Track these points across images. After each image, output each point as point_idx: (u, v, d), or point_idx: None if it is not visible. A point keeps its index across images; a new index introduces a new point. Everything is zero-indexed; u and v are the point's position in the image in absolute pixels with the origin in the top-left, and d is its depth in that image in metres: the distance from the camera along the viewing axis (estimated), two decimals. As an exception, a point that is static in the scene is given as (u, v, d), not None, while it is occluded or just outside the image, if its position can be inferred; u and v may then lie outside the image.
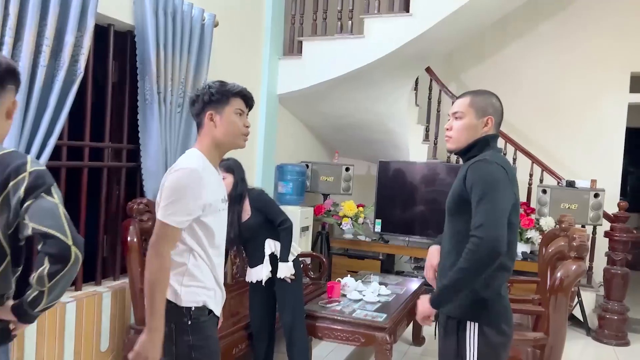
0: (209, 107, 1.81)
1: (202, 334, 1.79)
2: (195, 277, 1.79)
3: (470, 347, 1.85)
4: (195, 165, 1.75)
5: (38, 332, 2.60)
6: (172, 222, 1.69)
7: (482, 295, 1.83)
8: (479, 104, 1.92)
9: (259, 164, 4.55)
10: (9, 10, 2.21)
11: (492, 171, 1.79)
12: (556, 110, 5.64)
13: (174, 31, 3.20)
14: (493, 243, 1.73)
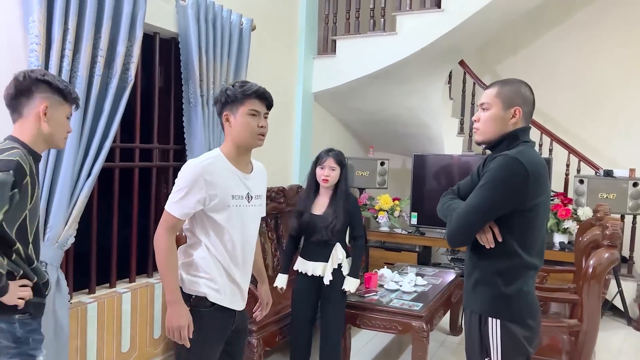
0: (225, 108, 1.91)
1: (197, 322, 1.88)
2: (200, 268, 1.90)
3: (493, 341, 1.84)
4: (202, 161, 1.87)
5: (98, 321, 2.83)
6: (170, 211, 1.85)
7: (504, 291, 1.81)
8: (506, 94, 1.83)
9: (295, 160, 4.71)
10: (68, 25, 2.42)
11: (504, 168, 1.74)
12: (593, 98, 5.58)
13: (215, 37, 3.37)
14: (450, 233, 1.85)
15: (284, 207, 4.24)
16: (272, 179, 4.30)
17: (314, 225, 2.90)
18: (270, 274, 4.06)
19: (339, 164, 2.90)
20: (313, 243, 2.95)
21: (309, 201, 2.97)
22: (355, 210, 3.01)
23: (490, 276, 1.84)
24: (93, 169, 2.62)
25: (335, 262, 2.92)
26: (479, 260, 1.88)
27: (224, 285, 1.93)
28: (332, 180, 2.90)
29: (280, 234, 4.27)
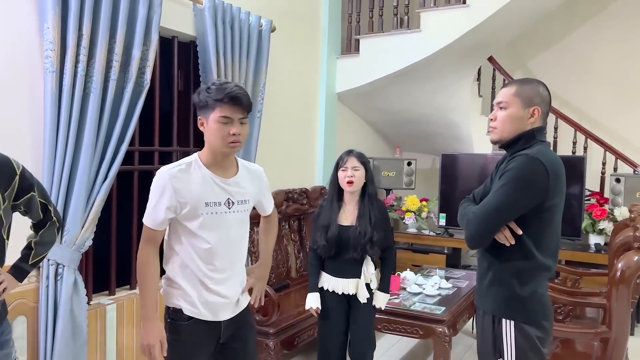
0: (199, 112, 1.81)
1: (175, 334, 1.83)
2: (175, 280, 1.83)
3: (507, 343, 1.83)
4: (172, 168, 1.78)
5: (117, 322, 2.86)
6: (145, 222, 1.80)
7: (519, 292, 1.81)
8: (525, 93, 1.83)
9: (319, 161, 4.67)
10: (82, 31, 2.46)
11: (525, 167, 1.74)
12: (630, 93, 5.32)
13: (233, 39, 3.38)
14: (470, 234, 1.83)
15: (307, 208, 4.22)
16: (295, 180, 4.34)
17: (345, 239, 2.57)
18: (293, 276, 4.05)
19: (363, 164, 2.60)
20: (341, 258, 2.60)
21: (334, 212, 2.63)
22: (385, 216, 2.71)
23: (505, 277, 1.84)
24: (110, 172, 2.65)
25: (367, 278, 2.62)
26: (494, 261, 1.87)
27: (200, 297, 1.83)
28: (358, 182, 2.58)
29: (304, 235, 4.24)
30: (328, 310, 2.65)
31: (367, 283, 2.62)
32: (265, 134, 3.80)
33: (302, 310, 3.32)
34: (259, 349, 2.96)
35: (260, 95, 3.66)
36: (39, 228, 1.88)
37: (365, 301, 2.61)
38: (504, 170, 1.80)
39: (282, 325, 3.06)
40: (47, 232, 1.88)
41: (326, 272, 2.66)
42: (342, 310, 2.65)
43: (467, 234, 1.86)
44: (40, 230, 1.87)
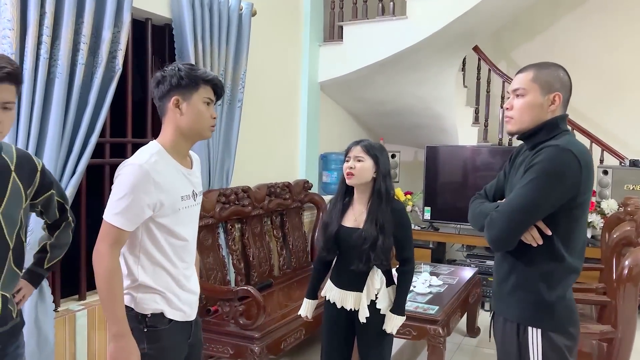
0: (176, 91, 1.63)
1: (157, 342, 1.65)
2: (148, 286, 1.64)
3: (534, 352, 1.67)
4: (144, 161, 1.58)
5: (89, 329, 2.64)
6: (114, 222, 1.55)
7: (547, 298, 1.64)
8: (544, 79, 1.67)
9: (302, 153, 4.49)
10: (45, 9, 2.21)
11: (557, 160, 1.57)
12: (616, 85, 5.28)
13: (212, 23, 3.15)
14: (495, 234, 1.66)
15: (290, 203, 4.03)
16: (277, 173, 4.14)
17: (346, 241, 2.22)
18: (276, 274, 3.86)
19: (371, 156, 2.20)
20: (344, 266, 2.24)
21: (337, 210, 2.28)
22: (402, 222, 2.23)
23: (531, 281, 1.67)
24: (78, 166, 2.41)
25: (372, 293, 2.20)
26: (517, 263, 1.70)
27: (179, 297, 1.70)
28: (359, 175, 2.19)
29: (286, 232, 4.05)
30: (328, 322, 2.33)
31: (373, 300, 2.21)
32: (245, 125, 3.59)
33: (288, 312, 3.15)
34: (243, 354, 2.77)
35: (240, 84, 3.44)
36: (53, 229, 1.79)
37: (364, 321, 2.19)
38: (530, 163, 1.62)
39: (268, 328, 2.87)
40: (63, 234, 1.80)
41: (330, 281, 2.33)
42: (343, 326, 2.28)
43: (491, 235, 1.67)
44: (56, 232, 1.79)
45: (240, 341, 2.80)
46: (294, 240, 4.11)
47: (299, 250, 4.14)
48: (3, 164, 1.52)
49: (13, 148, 1.58)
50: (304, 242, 4.24)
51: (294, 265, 4.06)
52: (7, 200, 1.50)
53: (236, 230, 3.57)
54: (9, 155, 1.54)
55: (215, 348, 2.86)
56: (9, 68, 1.39)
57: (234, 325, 2.84)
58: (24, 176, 1.57)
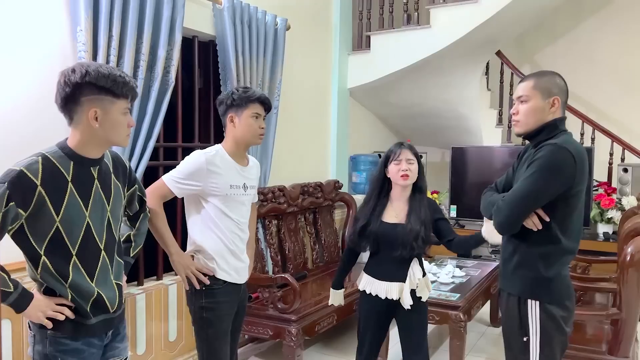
0: (231, 110, 2.17)
1: (212, 297, 2.17)
2: (210, 251, 2.16)
3: (533, 322, 1.93)
4: (208, 152, 2.14)
5: (147, 311, 2.99)
6: (169, 185, 2.12)
7: (545, 274, 1.90)
8: (543, 85, 1.92)
9: (332, 155, 4.78)
10: (112, 32, 2.57)
11: (555, 155, 1.82)
12: (637, 85, 5.41)
13: (250, 38, 3.49)
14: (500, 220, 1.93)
15: (322, 201, 4.34)
16: (310, 174, 4.45)
17: (390, 237, 2.35)
18: (310, 267, 4.17)
19: (417, 157, 2.39)
20: (386, 258, 2.39)
21: (378, 207, 2.42)
22: (439, 211, 2.48)
23: (531, 260, 1.92)
24: (138, 167, 2.77)
25: (414, 282, 2.36)
26: (520, 244, 1.97)
27: (231, 263, 2.21)
28: (413, 176, 2.36)
29: (319, 228, 4.36)
30: (369, 315, 2.46)
31: (413, 289, 2.37)
32: (281, 130, 3.92)
33: (320, 299, 3.45)
34: (282, 335, 3.08)
35: (276, 92, 3.77)
36: (134, 221, 1.94)
37: (409, 307, 2.35)
38: (531, 159, 1.88)
39: (303, 313, 3.18)
40: (142, 224, 1.97)
41: (367, 274, 2.46)
42: (384, 315, 2.45)
43: (498, 220, 1.94)
44: (136, 223, 1.94)
45: (278, 323, 3.11)
46: (326, 236, 4.41)
47: (330, 245, 4.43)
48: (107, 167, 1.70)
49: (108, 151, 1.74)
50: (335, 238, 4.53)
51: (326, 259, 4.36)
52: (113, 199, 1.70)
53: (273, 226, 3.89)
54: (107, 158, 1.72)
55: (256, 330, 3.19)
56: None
57: (273, 309, 3.16)
58: (119, 176, 1.76)
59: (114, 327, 1.74)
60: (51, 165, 1.55)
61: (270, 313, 3.16)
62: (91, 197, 1.63)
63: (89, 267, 1.63)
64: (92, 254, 1.64)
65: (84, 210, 1.60)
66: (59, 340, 1.62)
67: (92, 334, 1.66)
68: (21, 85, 2.39)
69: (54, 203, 1.54)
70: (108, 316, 1.69)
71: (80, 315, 1.62)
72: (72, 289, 1.60)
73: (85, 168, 1.62)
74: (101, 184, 1.66)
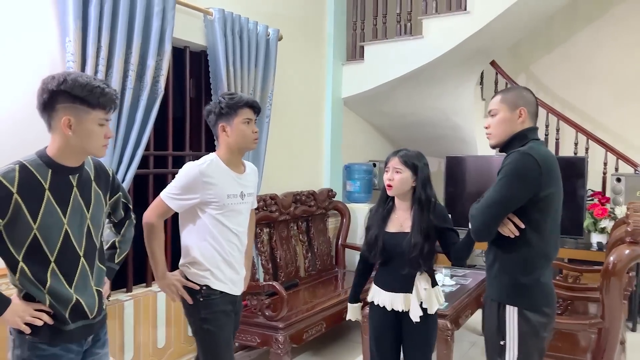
0: (221, 119, 2.17)
1: (210, 308, 2.15)
2: (206, 262, 2.15)
3: (510, 327, 1.98)
4: (202, 164, 2.12)
5: (135, 318, 3.02)
6: (167, 202, 2.13)
7: (522, 281, 1.96)
8: (509, 99, 2.04)
9: (326, 164, 4.82)
10: (101, 43, 2.63)
11: (518, 162, 1.89)
12: (631, 95, 5.41)
13: (242, 49, 3.54)
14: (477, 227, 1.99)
15: (315, 210, 4.36)
16: (303, 182, 4.48)
17: (393, 246, 2.30)
18: (302, 275, 4.19)
19: (409, 166, 2.27)
20: (390, 269, 2.33)
21: (378, 215, 2.38)
22: (447, 220, 2.37)
23: (510, 266, 1.99)
24: (127, 175, 2.81)
25: (421, 294, 2.28)
26: (498, 252, 2.03)
27: (227, 274, 2.19)
28: (398, 187, 2.28)
29: (311, 236, 4.39)
30: (377, 327, 2.40)
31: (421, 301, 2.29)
32: (273, 139, 3.96)
33: (310, 307, 3.47)
34: (269, 342, 3.10)
35: (268, 102, 3.81)
36: (119, 227, 1.97)
37: (417, 320, 2.26)
38: (500, 167, 1.96)
39: (291, 320, 3.20)
40: (128, 230, 1.99)
41: (376, 285, 2.40)
42: (391, 327, 2.36)
43: (472, 227, 2.01)
44: (121, 229, 1.97)
45: (266, 331, 3.14)
46: (319, 244, 4.44)
47: (323, 254, 4.46)
48: (87, 175, 1.72)
49: (90, 159, 1.76)
50: (329, 247, 4.56)
51: (318, 267, 4.38)
52: (93, 206, 1.72)
53: (264, 234, 3.92)
54: (89, 166, 1.74)
55: (245, 337, 3.21)
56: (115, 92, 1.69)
57: (261, 316, 3.18)
58: (101, 184, 1.78)
59: (93, 333, 1.76)
60: (28, 173, 1.58)
61: (258, 321, 3.19)
62: (69, 204, 1.64)
63: (68, 274, 1.65)
64: (71, 260, 1.65)
65: (62, 218, 1.62)
66: (37, 345, 1.63)
67: (70, 340, 1.67)
68: (10, 95, 2.44)
69: (30, 210, 1.57)
70: (87, 322, 1.70)
71: (58, 321, 1.64)
72: (51, 295, 1.62)
73: (63, 176, 1.64)
74: (80, 192, 1.68)
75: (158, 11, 2.89)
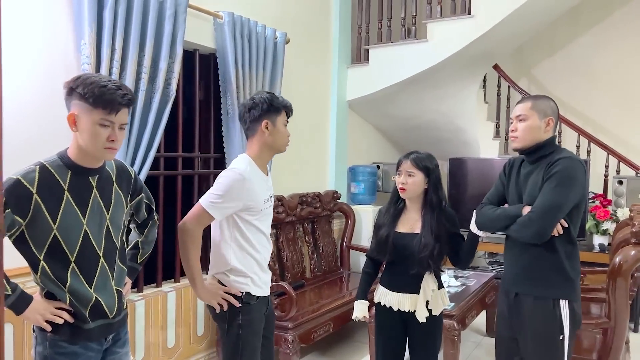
0: (266, 116, 2.09)
1: (248, 315, 2.11)
2: (241, 271, 2.10)
3: (566, 321, 2.08)
4: (243, 170, 2.04)
5: (146, 318, 3.05)
6: (208, 209, 2.00)
7: (571, 275, 2.09)
8: (540, 107, 2.14)
9: (331, 166, 4.86)
10: (115, 46, 2.66)
11: (576, 168, 2.04)
12: (632, 98, 5.48)
13: (250, 51, 3.58)
14: (537, 230, 2.02)
15: (320, 211, 4.40)
16: (308, 184, 4.52)
17: (402, 246, 2.30)
18: (308, 276, 4.22)
19: (421, 169, 2.28)
20: (398, 269, 2.34)
21: (390, 217, 2.38)
22: (456, 225, 2.38)
23: (559, 262, 2.09)
24: (139, 177, 2.84)
25: (428, 294, 2.30)
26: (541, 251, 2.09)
27: (262, 278, 2.17)
28: (411, 190, 2.29)
29: (317, 237, 4.43)
30: (382, 327, 2.41)
31: (428, 301, 2.31)
32: (280, 141, 3.99)
33: (317, 308, 3.50)
34: (278, 342, 3.13)
35: (275, 104, 3.85)
36: (142, 228, 1.99)
37: (424, 320, 2.28)
38: (550, 172, 2.04)
39: (299, 320, 3.23)
40: (151, 231, 2.01)
41: (382, 286, 2.42)
42: (398, 328, 2.37)
43: (532, 231, 2.04)
44: (144, 230, 1.99)
45: (275, 331, 3.15)
46: (324, 245, 4.47)
47: (328, 255, 4.49)
48: (108, 176, 1.75)
49: (112, 160, 1.79)
50: (334, 248, 4.60)
51: (324, 268, 4.42)
52: (113, 207, 1.74)
53: (272, 235, 3.95)
54: (110, 167, 1.77)
55: (253, 337, 3.24)
56: (130, 95, 1.65)
57: (270, 316, 3.21)
58: (123, 185, 1.80)
59: (113, 332, 1.77)
60: (48, 174, 1.61)
61: (267, 320, 3.21)
62: (89, 205, 1.67)
63: (88, 273, 1.67)
64: (91, 260, 1.68)
65: (81, 218, 1.65)
66: (58, 343, 1.66)
67: (90, 338, 1.70)
68: (27, 95, 2.47)
69: (50, 211, 1.60)
70: (107, 321, 1.73)
71: (78, 320, 1.67)
72: (71, 294, 1.65)
73: (82, 177, 1.67)
74: (100, 193, 1.71)
75: (170, 15, 2.92)
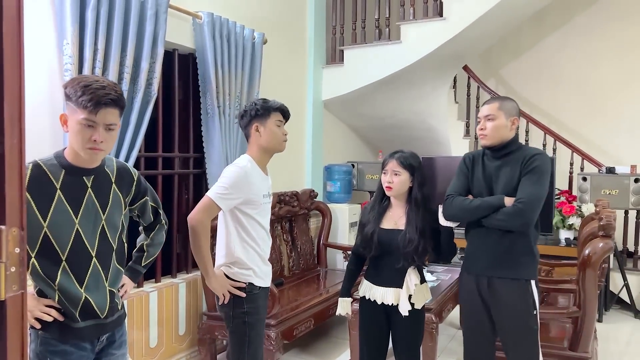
0: (255, 120, 2.27)
1: (253, 303, 2.27)
2: (247, 262, 2.26)
3: (535, 299, 2.32)
4: (245, 165, 2.24)
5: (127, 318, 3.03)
6: (217, 202, 2.17)
7: (537, 257, 2.37)
8: (506, 107, 2.34)
9: (307, 165, 4.92)
10: (97, 46, 2.66)
11: (549, 163, 2.30)
12: (596, 98, 5.73)
13: (229, 52, 3.60)
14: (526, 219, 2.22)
15: (298, 210, 4.45)
16: (286, 183, 4.57)
17: (387, 242, 2.36)
18: (287, 274, 4.27)
19: (406, 167, 2.36)
20: (382, 264, 2.40)
21: (374, 212, 2.44)
22: (437, 220, 2.43)
23: (529, 246, 2.32)
24: (122, 176, 2.84)
25: (410, 288, 2.34)
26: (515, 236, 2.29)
27: (263, 269, 2.35)
28: (397, 188, 2.36)
29: (295, 236, 4.47)
30: (366, 320, 2.47)
31: (410, 295, 2.35)
32: (258, 140, 4.02)
33: (297, 305, 3.55)
34: (261, 339, 3.17)
35: (254, 104, 3.88)
36: (149, 231, 2.01)
37: (407, 314, 2.33)
38: (530, 166, 2.25)
39: (281, 317, 3.28)
40: (157, 235, 2.01)
41: (367, 280, 2.47)
42: (381, 321, 2.44)
43: (521, 220, 2.22)
44: (151, 233, 2.00)
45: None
46: (302, 243, 4.53)
47: (306, 253, 4.55)
48: (106, 177, 1.75)
49: (114, 161, 1.80)
50: (311, 246, 4.65)
51: (302, 266, 4.47)
52: (110, 208, 1.74)
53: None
54: (110, 168, 1.77)
55: (236, 335, 3.27)
56: (113, 95, 1.61)
57: (253, 314, 3.24)
58: (122, 186, 1.79)
59: (106, 332, 1.76)
60: (41, 172, 1.62)
61: (249, 318, 3.25)
62: (82, 204, 1.67)
63: (79, 272, 1.67)
64: (83, 260, 1.67)
65: (73, 217, 1.65)
66: (49, 340, 1.67)
67: (80, 338, 1.69)
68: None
69: (40, 208, 1.60)
70: (98, 322, 1.72)
71: (68, 318, 1.66)
72: (60, 292, 1.64)
73: (77, 177, 1.67)
74: (95, 193, 1.70)
75: (151, 15, 2.93)
